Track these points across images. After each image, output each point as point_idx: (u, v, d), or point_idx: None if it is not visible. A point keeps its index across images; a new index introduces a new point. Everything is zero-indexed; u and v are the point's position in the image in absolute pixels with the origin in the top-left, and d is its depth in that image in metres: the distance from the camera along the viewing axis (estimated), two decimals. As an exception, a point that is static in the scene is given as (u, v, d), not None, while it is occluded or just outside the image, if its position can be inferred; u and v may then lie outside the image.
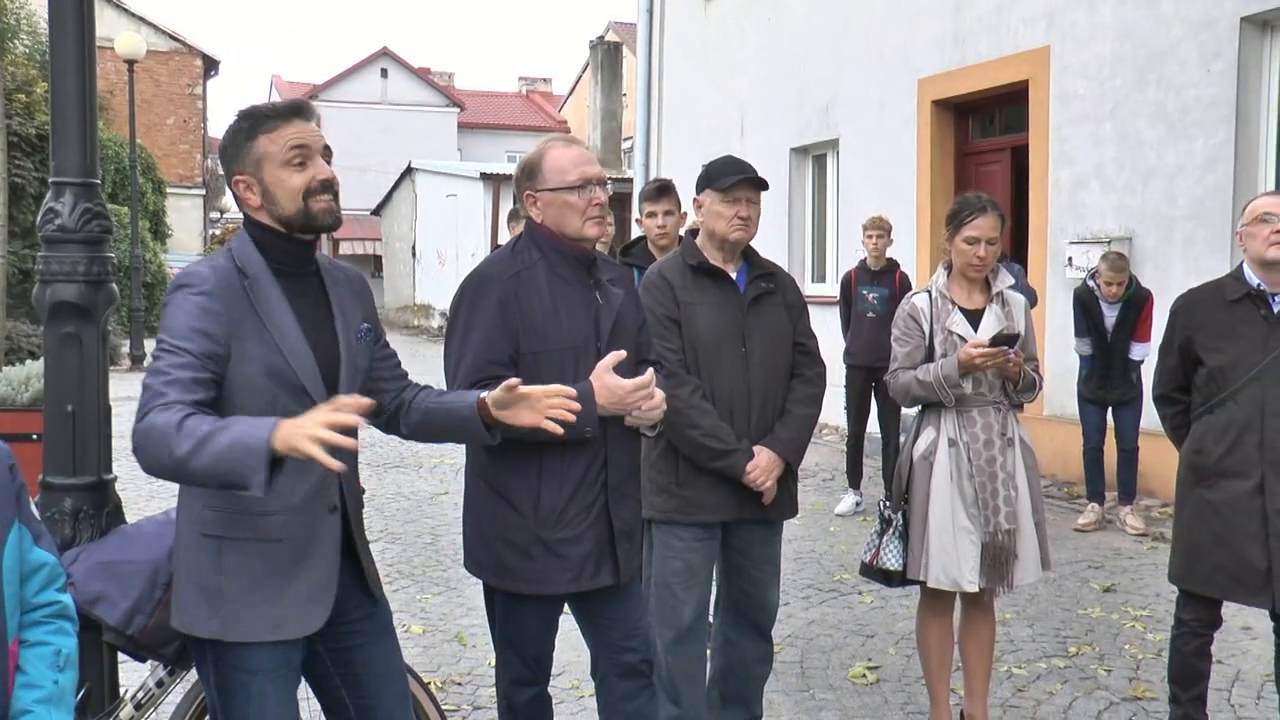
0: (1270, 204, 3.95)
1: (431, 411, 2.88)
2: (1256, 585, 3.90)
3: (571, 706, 4.67)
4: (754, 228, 3.89)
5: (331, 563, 2.65)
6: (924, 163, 11.09)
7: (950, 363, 3.98)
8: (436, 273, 29.35)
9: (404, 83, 44.46)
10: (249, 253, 2.60)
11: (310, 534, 2.61)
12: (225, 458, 2.25)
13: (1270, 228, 3.89)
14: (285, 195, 2.57)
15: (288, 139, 2.57)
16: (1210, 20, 8.21)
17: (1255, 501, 3.88)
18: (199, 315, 2.46)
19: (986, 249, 4.02)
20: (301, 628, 2.61)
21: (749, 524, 3.91)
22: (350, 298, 2.76)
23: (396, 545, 7.39)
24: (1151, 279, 8.12)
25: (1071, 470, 8.96)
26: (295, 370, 2.55)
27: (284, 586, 2.57)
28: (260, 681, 2.58)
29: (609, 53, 25.94)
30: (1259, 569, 3.88)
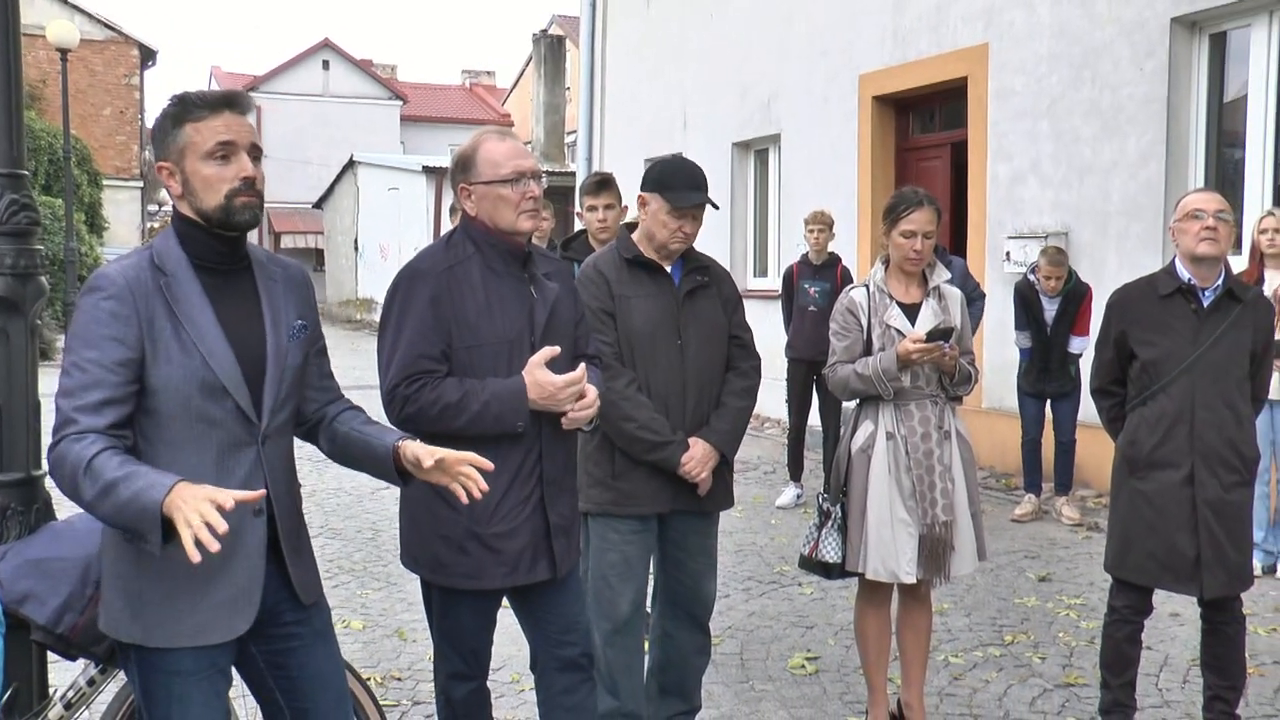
0: (1200, 201, 4.04)
1: (350, 439, 2.79)
2: (1186, 573, 3.99)
3: (511, 700, 4.67)
4: (694, 239, 3.92)
5: (256, 567, 2.58)
6: (865, 158, 11.17)
7: (889, 356, 4.02)
8: (379, 266, 29.12)
9: (346, 75, 44.05)
10: (170, 248, 2.53)
11: (234, 538, 2.49)
12: (125, 511, 2.26)
13: (1200, 224, 3.97)
14: (205, 189, 2.50)
15: (215, 132, 2.50)
16: (1142, 20, 8.34)
17: (1185, 491, 3.97)
18: (108, 321, 2.40)
19: (923, 242, 4.06)
20: (224, 634, 2.55)
21: (685, 516, 3.92)
22: (285, 294, 2.68)
23: (337, 541, 7.35)
24: (1087, 273, 8.24)
25: (1009, 462, 9.08)
26: (215, 371, 2.47)
27: (206, 592, 2.51)
28: (183, 683, 2.53)
29: (552, 46, 25.88)
30: (1188, 557, 3.97)
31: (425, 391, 3.11)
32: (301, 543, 2.75)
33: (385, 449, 2.70)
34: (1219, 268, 4.05)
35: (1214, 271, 4.03)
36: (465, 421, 3.07)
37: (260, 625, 2.64)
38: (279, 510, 2.65)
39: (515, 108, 43.53)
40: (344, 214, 33.29)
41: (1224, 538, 3.97)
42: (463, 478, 2.67)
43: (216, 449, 2.50)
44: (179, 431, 2.47)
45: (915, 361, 3.98)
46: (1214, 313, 4.01)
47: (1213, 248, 3.97)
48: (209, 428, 2.49)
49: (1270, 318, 4.22)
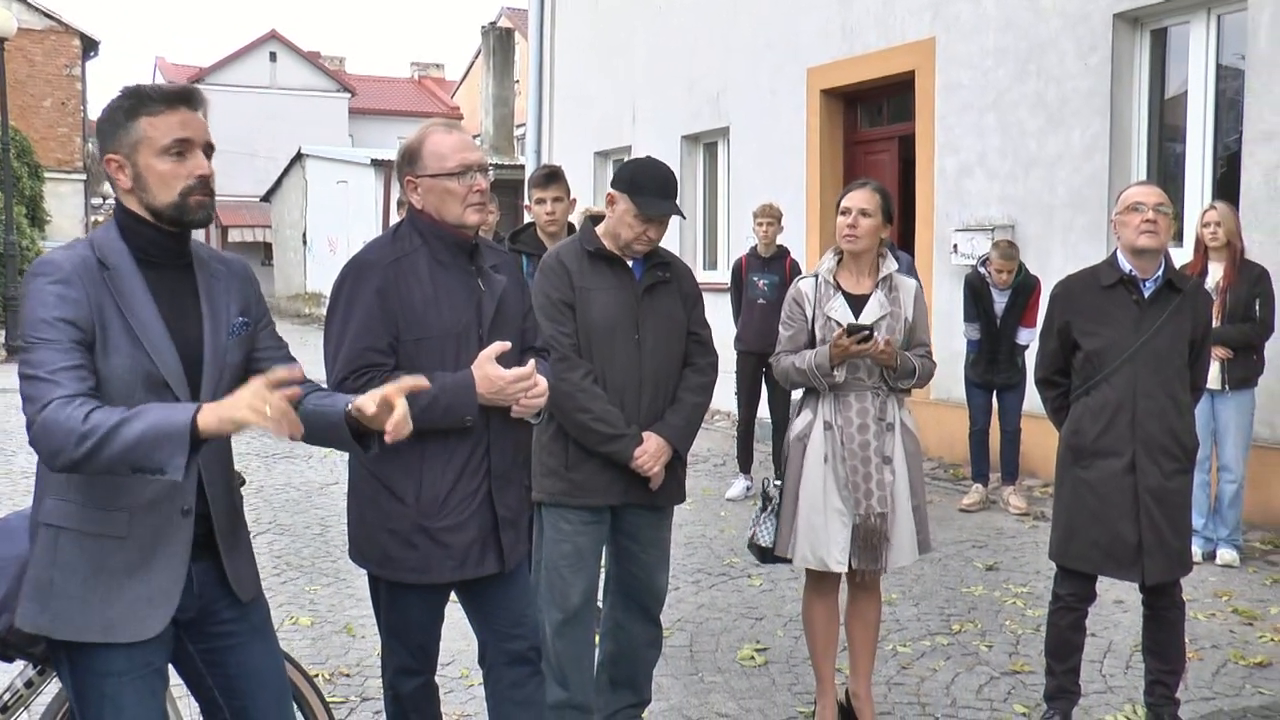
0: (1141, 194, 4.09)
1: (310, 414, 2.72)
2: (1128, 560, 4.06)
3: (461, 695, 4.65)
4: (658, 242, 3.92)
5: (178, 567, 2.53)
6: (813, 151, 11.22)
7: (823, 352, 4.04)
8: (327, 260, 28.87)
9: (293, 67, 43.63)
10: (111, 241, 2.50)
11: (156, 536, 2.49)
12: (140, 443, 2.22)
13: (1141, 216, 4.03)
14: (159, 185, 2.48)
15: (171, 128, 2.47)
16: (1086, 15, 8.43)
17: (1128, 480, 4.03)
18: (58, 304, 2.37)
19: (857, 218, 4.08)
20: (136, 633, 2.48)
21: (637, 508, 3.93)
22: (226, 291, 2.65)
23: (285, 537, 7.29)
24: (1033, 265, 8.33)
25: (957, 452, 9.17)
26: (157, 365, 2.45)
27: (121, 587, 2.46)
28: (116, 684, 2.48)
29: (501, 39, 25.73)
30: (1130, 544, 4.04)
31: (373, 385, 3.07)
32: (239, 539, 2.72)
33: (338, 414, 2.64)
34: (1159, 259, 4.11)
35: (1154, 263, 4.10)
36: (413, 415, 3.05)
37: (196, 623, 2.61)
38: (214, 507, 2.62)
39: (464, 100, 43.31)
40: (292, 207, 32.99)
41: (1165, 525, 4.03)
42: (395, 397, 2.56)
43: None
44: None
45: (851, 356, 4.00)
46: (1154, 303, 4.08)
47: (1153, 240, 4.03)
48: None
49: (1208, 308, 4.29)
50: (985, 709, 4.59)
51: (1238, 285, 6.53)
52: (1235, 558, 6.62)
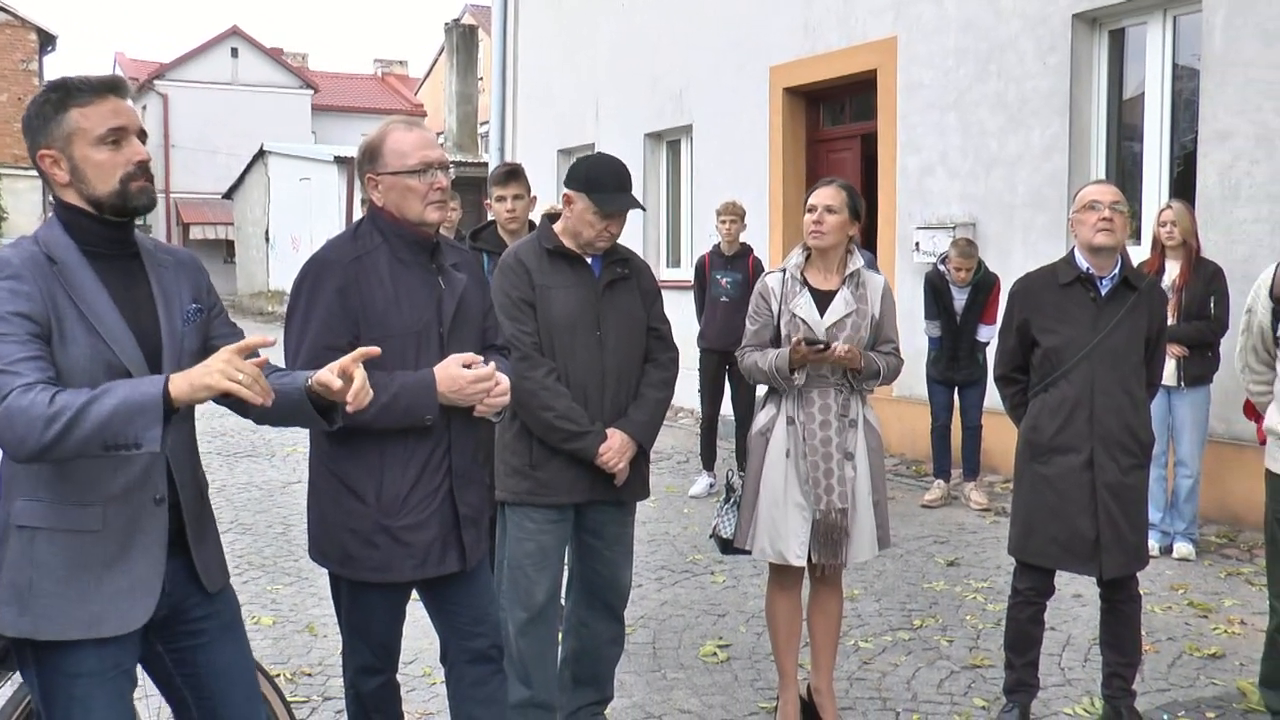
0: (1097, 192, 4.14)
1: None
2: (1086, 554, 4.11)
3: (423, 694, 4.65)
4: (617, 238, 3.93)
5: (156, 557, 2.54)
6: (776, 149, 11.26)
7: (783, 356, 4.07)
8: (290, 258, 28.68)
9: (255, 63, 43.28)
10: (56, 237, 2.49)
11: (132, 526, 2.49)
12: (114, 418, 2.22)
13: (1097, 215, 4.08)
14: (98, 175, 2.47)
15: (105, 117, 2.47)
16: (1045, 16, 8.51)
17: (1086, 475, 4.08)
18: (11, 299, 2.35)
19: (823, 215, 4.10)
20: (121, 625, 2.49)
21: (601, 505, 3.94)
22: (176, 280, 2.65)
23: (247, 536, 7.25)
24: (994, 263, 8.39)
25: (919, 449, 9.23)
26: (117, 354, 2.45)
27: (101, 580, 2.46)
28: (85, 684, 2.46)
29: (464, 36, 25.67)
30: (1088, 539, 4.09)
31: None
32: (207, 531, 2.72)
33: (299, 390, 2.64)
34: (1116, 257, 4.16)
35: (1111, 261, 4.15)
36: (373, 414, 3.03)
37: (167, 622, 2.60)
38: (183, 497, 2.62)
39: (428, 98, 43.17)
40: (254, 205, 32.77)
41: (1122, 519, 4.09)
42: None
43: None
44: None
45: (810, 362, 4.03)
46: (1111, 301, 4.13)
47: (1109, 238, 4.08)
48: None
49: (1164, 306, 4.35)
50: (945, 703, 4.64)
51: (1193, 283, 6.62)
52: (1191, 551, 6.71)
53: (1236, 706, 4.56)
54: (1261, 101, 7.09)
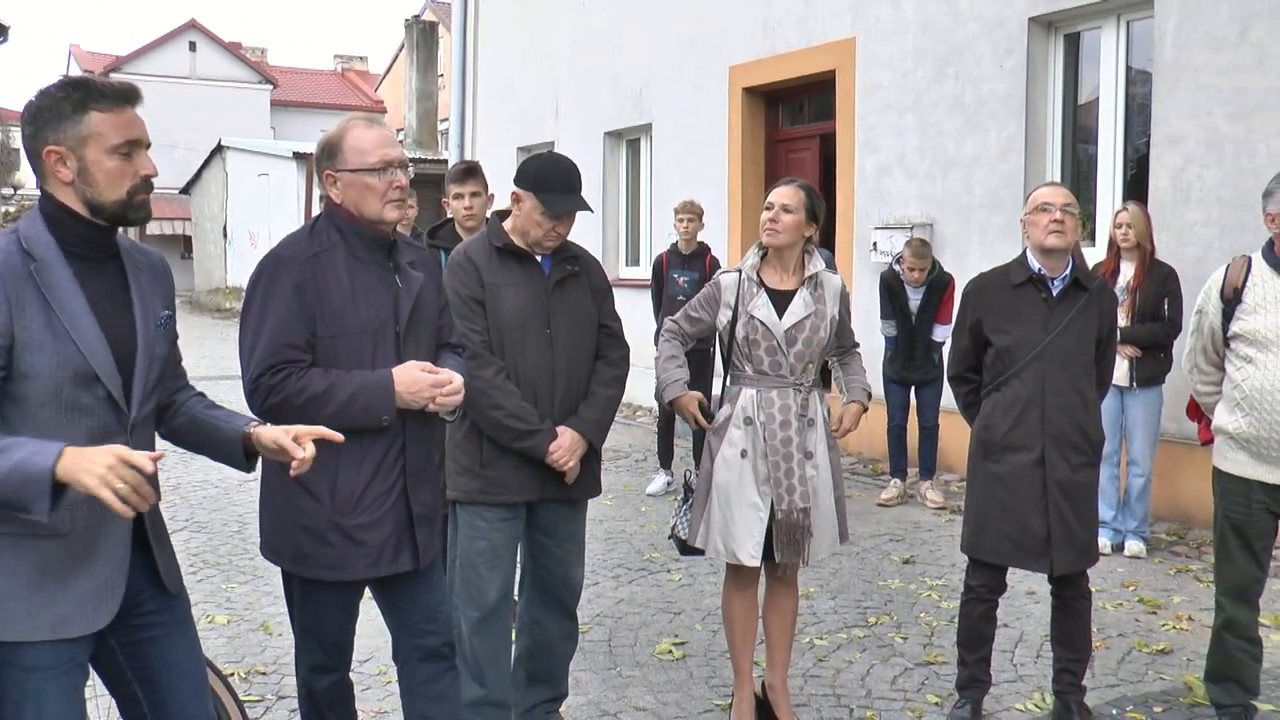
0: (1049, 194, 4.19)
1: (200, 421, 2.78)
2: (1037, 551, 4.16)
3: (378, 692, 4.64)
4: (566, 237, 3.93)
5: (121, 558, 2.55)
6: (735, 148, 11.30)
7: (673, 389, 4.20)
8: (248, 254, 28.45)
9: (214, 57, 42.98)
10: (39, 233, 2.47)
11: (96, 527, 2.49)
12: (6, 482, 2.21)
13: (1049, 217, 4.13)
14: (107, 182, 2.48)
15: (123, 128, 2.49)
16: (1002, 19, 8.58)
17: (1037, 473, 4.13)
18: None
19: (779, 213, 4.11)
20: (86, 626, 2.50)
21: (553, 503, 3.94)
22: (151, 283, 2.66)
23: (202, 534, 7.21)
24: (951, 263, 8.47)
25: (876, 448, 9.29)
26: (88, 359, 2.43)
27: (67, 582, 2.46)
28: (39, 679, 2.46)
29: (425, 32, 25.58)
30: (1039, 536, 4.14)
31: (290, 381, 3.06)
32: (163, 532, 2.73)
33: (235, 433, 2.70)
34: (1067, 258, 4.21)
35: (1062, 262, 4.20)
36: (331, 413, 3.03)
37: (121, 616, 2.60)
38: None
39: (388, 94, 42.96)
40: (212, 200, 32.51)
41: (1072, 517, 4.14)
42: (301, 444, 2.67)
43: (86, 437, 2.44)
44: (48, 419, 2.42)
45: (685, 416, 4.23)
46: (1062, 301, 4.18)
47: (1060, 240, 4.13)
48: (79, 415, 2.45)
49: (1114, 306, 4.40)
50: (899, 699, 4.67)
51: (1147, 285, 6.70)
52: (1142, 549, 6.80)
53: (1183, 701, 4.63)
54: (1211, 106, 7.19)
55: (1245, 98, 7.01)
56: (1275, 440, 3.89)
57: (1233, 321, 4.02)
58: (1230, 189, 7.10)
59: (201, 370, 15.76)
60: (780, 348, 4.10)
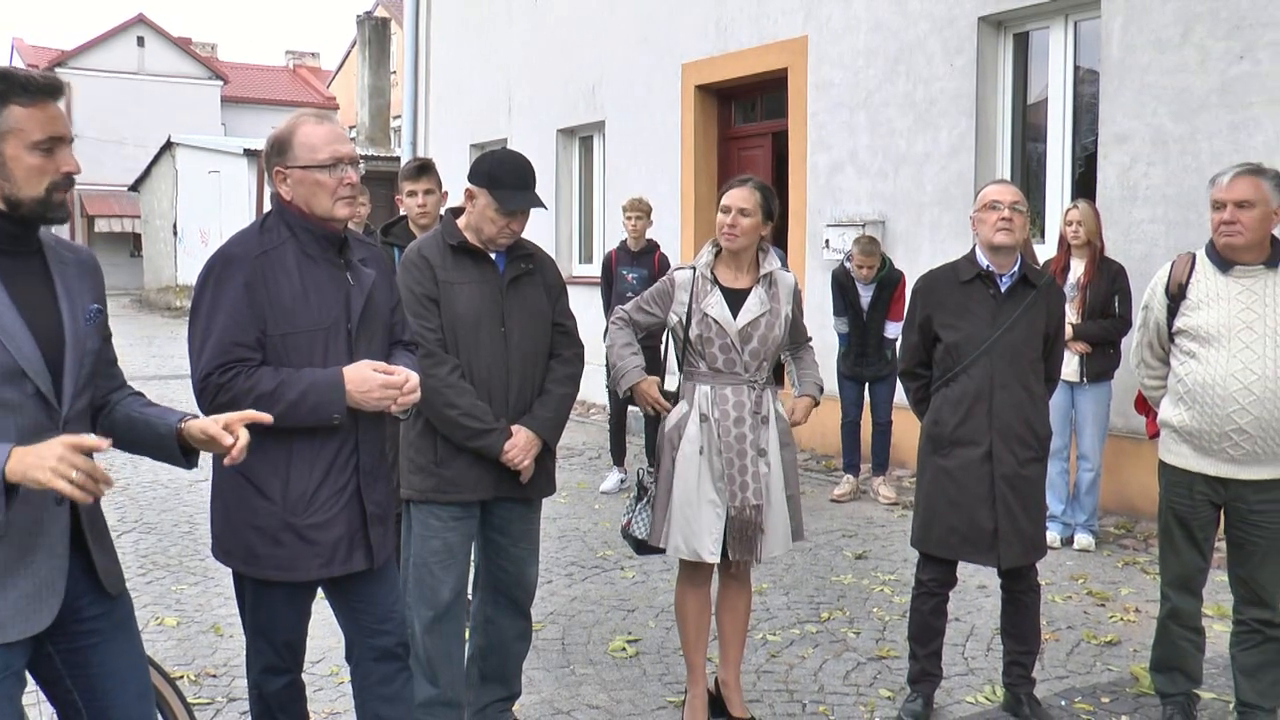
0: (997, 192, 4.23)
1: (134, 420, 2.72)
2: (985, 545, 4.20)
3: (330, 693, 4.61)
4: (520, 234, 3.92)
5: (59, 558, 2.50)
6: (688, 146, 11.32)
7: (632, 375, 4.19)
8: (199, 252, 28.15)
9: (162, 52, 42.43)
10: None
11: (34, 528, 2.44)
12: None
13: (997, 214, 4.18)
14: (26, 178, 2.43)
15: (45, 123, 2.44)
16: (952, 18, 8.65)
17: (985, 468, 4.17)
18: None
19: (736, 218, 4.11)
20: (25, 629, 2.44)
21: (507, 502, 3.94)
22: (78, 278, 2.61)
23: (152, 535, 7.13)
24: (903, 260, 8.53)
25: (830, 444, 9.34)
26: (13, 355, 2.38)
27: (5, 586, 2.41)
28: None
29: (376, 28, 25.41)
30: (987, 530, 4.18)
31: (239, 380, 3.03)
32: (103, 534, 2.68)
33: (169, 428, 2.64)
34: (1015, 255, 4.26)
35: (1011, 259, 4.24)
36: (280, 412, 2.99)
37: (59, 622, 2.55)
38: None
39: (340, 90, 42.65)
40: (162, 197, 32.13)
41: (1019, 511, 4.19)
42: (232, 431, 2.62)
43: (16, 435, 2.39)
44: None
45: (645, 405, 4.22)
46: (1010, 298, 4.22)
47: (1008, 237, 4.17)
48: (7, 413, 2.40)
49: (1062, 303, 4.46)
50: (851, 694, 4.71)
51: (1098, 282, 6.79)
52: (1091, 542, 6.88)
53: (1129, 691, 4.70)
54: (1157, 106, 7.28)
55: (1189, 97, 7.11)
56: (1218, 433, 3.95)
57: (1177, 317, 4.08)
58: (1175, 187, 7.20)
59: (152, 369, 15.61)
60: (734, 345, 4.12)
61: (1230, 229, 3.91)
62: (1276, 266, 3.96)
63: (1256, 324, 3.90)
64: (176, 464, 2.71)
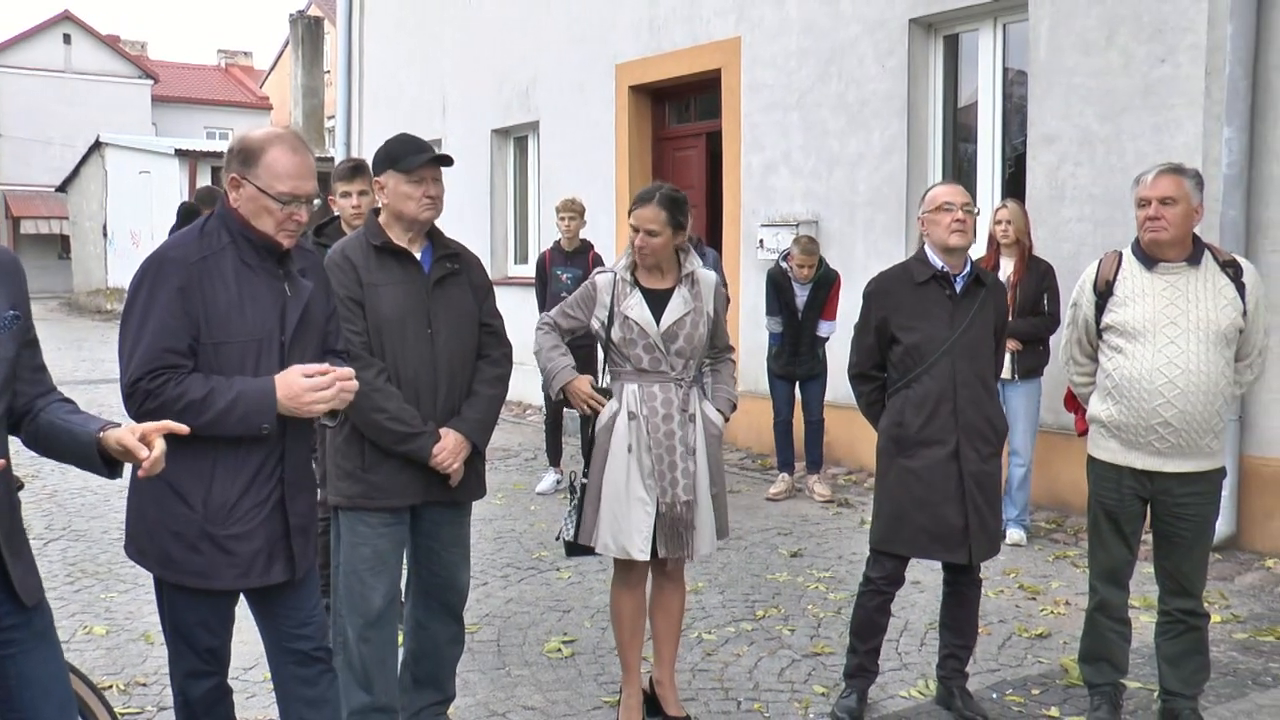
0: (949, 194, 4.28)
1: (56, 427, 2.65)
2: (955, 542, 4.25)
3: (263, 700, 4.56)
4: (441, 205, 3.88)
5: None
6: (622, 146, 11.33)
7: (563, 375, 4.19)
8: (130, 254, 27.73)
9: (90, 51, 41.73)
10: None
11: None
12: None
13: (951, 216, 4.23)
14: None
15: None
16: (884, 20, 8.73)
17: (952, 466, 4.22)
18: None
19: (644, 239, 4.12)
20: None
21: (437, 506, 3.90)
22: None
23: (81, 543, 7.00)
24: (837, 260, 8.60)
25: (764, 442, 9.38)
26: None
27: None
28: None
29: (310, 27, 25.17)
30: (958, 527, 4.23)
31: (169, 387, 2.97)
32: (20, 543, 2.61)
33: (89, 436, 2.58)
34: (966, 255, 4.32)
35: (963, 259, 4.30)
36: (209, 420, 2.95)
37: None
38: None
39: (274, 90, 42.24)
40: (91, 198, 31.61)
41: (985, 506, 4.27)
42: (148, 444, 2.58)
43: None
44: None
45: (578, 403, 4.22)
46: (965, 297, 4.28)
47: (963, 239, 4.24)
48: None
49: (1005, 301, 4.53)
50: (786, 690, 4.73)
51: (1027, 281, 6.88)
52: (1023, 537, 6.98)
53: (1059, 683, 4.77)
54: (1083, 107, 7.40)
55: (1114, 99, 7.22)
56: (1144, 427, 4.02)
57: (1105, 314, 4.15)
58: (1101, 186, 7.32)
59: (82, 374, 15.33)
60: (658, 346, 4.12)
61: (1156, 225, 3.99)
62: (1198, 264, 4.05)
63: (1180, 319, 3.98)
64: (100, 473, 2.65)
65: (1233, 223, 6.52)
